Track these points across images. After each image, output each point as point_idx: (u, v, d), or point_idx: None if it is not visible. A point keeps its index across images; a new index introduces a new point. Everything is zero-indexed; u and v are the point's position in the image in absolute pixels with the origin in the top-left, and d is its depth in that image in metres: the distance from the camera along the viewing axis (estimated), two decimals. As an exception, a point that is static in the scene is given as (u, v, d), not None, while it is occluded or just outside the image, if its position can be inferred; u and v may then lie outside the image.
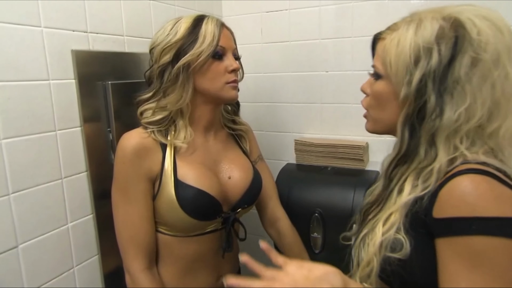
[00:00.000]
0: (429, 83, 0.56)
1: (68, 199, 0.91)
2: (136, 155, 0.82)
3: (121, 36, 1.04)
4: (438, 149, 0.58)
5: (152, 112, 0.85)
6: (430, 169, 0.58)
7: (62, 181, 0.90)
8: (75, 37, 0.91)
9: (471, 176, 0.53)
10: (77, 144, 0.93)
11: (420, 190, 0.58)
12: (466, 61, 0.55)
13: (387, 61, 0.61)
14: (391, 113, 0.64)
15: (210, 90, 0.87)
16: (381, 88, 0.65)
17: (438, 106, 0.56)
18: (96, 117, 0.97)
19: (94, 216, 0.98)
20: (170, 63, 0.83)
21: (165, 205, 0.84)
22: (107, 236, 1.01)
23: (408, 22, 0.60)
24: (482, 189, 0.52)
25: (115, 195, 0.85)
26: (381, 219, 0.63)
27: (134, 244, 0.84)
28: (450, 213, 0.53)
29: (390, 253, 0.59)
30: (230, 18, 1.51)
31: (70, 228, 0.92)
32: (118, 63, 1.03)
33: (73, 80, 0.91)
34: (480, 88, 0.55)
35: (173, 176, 0.83)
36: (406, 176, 0.61)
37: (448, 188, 0.54)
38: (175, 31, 0.84)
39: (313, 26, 1.37)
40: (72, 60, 0.90)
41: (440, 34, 0.56)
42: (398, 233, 0.59)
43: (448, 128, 0.57)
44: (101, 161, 0.99)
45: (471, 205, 0.52)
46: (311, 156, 1.37)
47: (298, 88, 1.45)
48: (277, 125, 1.52)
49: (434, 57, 0.56)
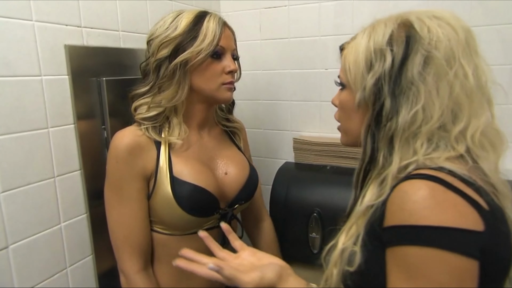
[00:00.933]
0: (385, 86, 0.55)
1: (61, 198, 0.89)
2: (130, 154, 0.80)
3: (116, 31, 1.02)
4: (394, 154, 0.55)
5: (147, 107, 0.84)
6: (385, 175, 0.55)
7: (55, 180, 0.87)
8: (68, 31, 0.88)
9: (413, 182, 0.50)
10: (70, 142, 0.91)
11: (376, 197, 0.56)
12: (418, 60, 0.53)
13: (346, 69, 0.62)
14: (357, 123, 0.62)
15: (206, 90, 0.85)
16: (345, 97, 0.64)
17: (394, 109, 0.54)
18: (90, 114, 0.95)
19: (88, 215, 0.96)
20: (168, 58, 0.81)
21: (162, 202, 0.82)
22: (101, 236, 0.99)
23: (364, 30, 0.61)
24: (421, 195, 0.48)
25: (108, 194, 0.84)
26: (344, 230, 0.61)
27: (129, 244, 0.83)
28: (391, 221, 0.51)
29: (347, 266, 0.57)
30: (228, 14, 1.48)
31: (63, 228, 0.90)
32: (113, 59, 1.01)
33: (66, 76, 0.88)
34: (436, 87, 0.53)
35: (169, 173, 0.82)
36: (370, 183, 0.59)
37: (392, 195, 0.51)
38: (175, 25, 0.82)
39: (312, 22, 1.35)
40: (65, 56, 0.87)
41: (391, 37, 0.56)
42: (355, 245, 0.57)
43: (405, 131, 0.54)
44: (95, 160, 0.97)
45: (407, 212, 0.49)
46: (310, 155, 1.35)
47: (297, 85, 1.42)
48: (275, 123, 1.50)
49: (388, 60, 0.55)
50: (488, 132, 0.56)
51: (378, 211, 0.54)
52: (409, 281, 0.48)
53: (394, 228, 0.50)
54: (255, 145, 1.52)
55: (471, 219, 0.48)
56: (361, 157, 0.62)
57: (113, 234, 0.84)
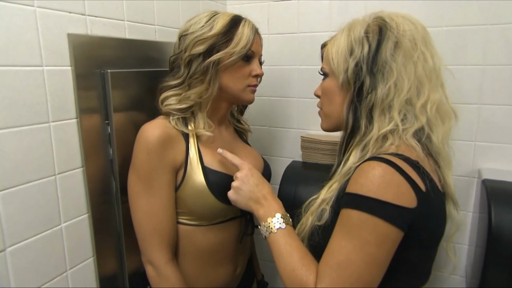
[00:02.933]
0: (364, 67, 0.68)
1: (61, 197, 0.83)
2: (162, 146, 0.83)
3: (121, 21, 0.96)
4: (374, 123, 0.68)
5: (178, 100, 0.87)
6: (367, 141, 0.68)
7: (56, 178, 0.82)
8: (71, 19, 0.82)
9: (371, 163, 0.62)
10: (72, 137, 0.85)
11: (358, 160, 0.68)
12: (390, 45, 0.67)
13: (330, 59, 0.74)
14: (338, 104, 0.74)
15: (233, 89, 0.90)
16: (328, 84, 0.77)
17: (372, 84, 0.68)
18: (93, 109, 0.89)
19: (89, 215, 0.90)
20: (201, 55, 0.85)
21: (193, 192, 0.86)
22: (103, 236, 0.95)
23: (343, 29, 0.74)
24: (373, 173, 0.61)
25: (136, 186, 0.85)
26: (326, 186, 0.73)
27: (158, 235, 0.85)
28: (348, 189, 0.64)
29: (316, 221, 0.70)
30: (235, 7, 1.43)
31: (63, 228, 0.84)
32: (118, 50, 0.95)
33: (69, 67, 0.82)
34: (405, 65, 0.67)
35: (200, 164, 0.87)
36: (352, 149, 0.71)
37: (355, 172, 0.65)
38: (211, 25, 0.86)
39: (323, 17, 1.31)
40: (68, 45, 0.82)
41: (367, 29, 0.70)
42: (327, 204, 0.69)
43: (382, 102, 0.67)
44: (98, 157, 0.91)
45: (359, 185, 0.62)
46: (318, 154, 1.31)
47: (305, 82, 1.38)
48: (281, 120, 1.45)
49: (365, 46, 0.68)
50: (441, 109, 0.70)
51: (348, 180, 0.66)
52: (345, 236, 0.61)
53: (347, 194, 0.64)
54: (261, 143, 1.47)
55: (407, 198, 0.60)
56: (343, 129, 0.75)
57: (141, 226, 0.86)
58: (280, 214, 0.75)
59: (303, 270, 0.65)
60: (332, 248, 0.63)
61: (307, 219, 0.74)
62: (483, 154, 1.18)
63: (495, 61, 1.12)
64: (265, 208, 0.77)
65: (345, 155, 0.74)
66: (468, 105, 1.17)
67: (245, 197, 0.79)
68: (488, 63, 1.13)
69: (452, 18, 1.14)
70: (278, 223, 0.73)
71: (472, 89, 1.16)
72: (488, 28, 1.11)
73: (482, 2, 1.10)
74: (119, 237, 0.99)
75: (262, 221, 0.76)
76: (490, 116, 1.15)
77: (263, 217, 0.76)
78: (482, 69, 1.14)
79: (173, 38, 1.15)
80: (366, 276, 0.60)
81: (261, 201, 0.78)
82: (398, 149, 0.66)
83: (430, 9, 1.16)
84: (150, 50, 1.07)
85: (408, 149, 0.67)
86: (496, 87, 1.13)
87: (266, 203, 0.78)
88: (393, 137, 0.67)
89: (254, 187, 0.79)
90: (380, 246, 0.60)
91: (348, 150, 0.73)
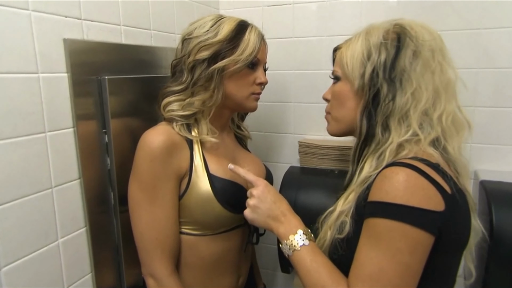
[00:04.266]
0: (380, 73, 0.67)
1: (58, 211, 0.79)
2: (166, 153, 0.80)
3: (117, 26, 0.92)
4: (391, 131, 0.67)
5: (181, 106, 0.85)
6: (384, 149, 0.66)
7: (52, 191, 0.77)
8: (67, 23, 0.78)
9: (393, 168, 0.61)
10: (69, 147, 0.81)
11: (374, 168, 0.66)
12: (409, 53, 0.67)
13: (344, 63, 0.73)
14: (350, 109, 0.73)
15: (236, 96, 0.88)
16: (340, 88, 0.75)
17: (390, 92, 0.66)
18: (90, 117, 0.85)
19: (87, 229, 0.86)
20: (206, 61, 0.82)
21: (198, 200, 0.84)
22: (102, 250, 0.90)
23: (359, 34, 0.73)
24: (397, 179, 0.59)
25: (138, 196, 0.81)
26: (342, 197, 0.71)
27: (161, 247, 0.82)
28: (372, 197, 0.62)
29: (337, 234, 0.68)
30: (228, 11, 1.41)
31: (60, 244, 0.80)
32: (114, 56, 0.91)
33: (65, 74, 0.79)
34: (423, 75, 0.66)
35: (205, 171, 0.84)
36: (367, 157, 0.69)
37: (376, 179, 0.63)
38: (216, 30, 0.83)
39: (319, 21, 1.30)
40: (64, 51, 0.78)
41: (385, 35, 0.69)
42: (346, 216, 0.67)
43: (400, 111, 0.66)
44: (95, 167, 0.87)
45: (384, 192, 0.60)
46: (316, 159, 1.30)
47: (301, 87, 1.37)
48: (278, 125, 1.44)
49: (383, 52, 0.68)
50: (455, 120, 0.69)
51: (367, 188, 0.64)
52: (373, 247, 0.59)
53: (371, 203, 0.62)
54: (257, 149, 1.45)
55: (434, 201, 0.59)
56: (357, 136, 0.73)
57: (143, 237, 0.82)
58: (301, 230, 0.71)
59: (333, 286, 0.63)
60: (361, 260, 0.61)
61: (325, 233, 0.71)
62: (479, 156, 1.20)
63: (488, 64, 1.14)
64: (285, 225, 0.73)
65: (359, 163, 0.72)
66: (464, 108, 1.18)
67: (263, 215, 0.75)
68: (482, 66, 1.15)
69: (446, 21, 1.16)
70: (301, 240, 0.70)
71: (467, 91, 1.17)
72: (481, 32, 1.13)
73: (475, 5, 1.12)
74: (117, 250, 0.94)
75: (284, 239, 0.72)
76: (485, 118, 1.17)
77: (284, 235, 0.72)
78: (476, 72, 1.16)
79: (168, 43, 1.12)
80: (401, 286, 0.58)
81: (280, 218, 0.74)
82: (416, 155, 0.65)
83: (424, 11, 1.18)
84: (146, 55, 1.04)
85: (427, 155, 0.65)
86: (490, 90, 1.15)
87: (285, 220, 0.74)
88: (410, 146, 0.66)
89: (272, 204, 0.76)
90: (413, 254, 0.58)
91: (363, 158, 0.71)
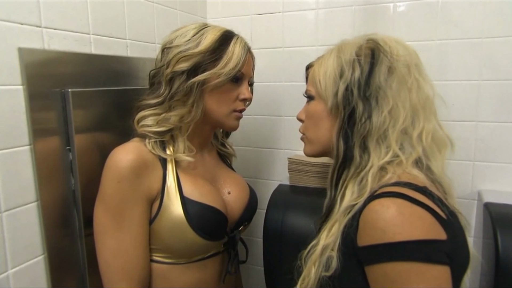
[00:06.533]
0: (355, 91, 0.62)
1: (9, 239, 0.71)
2: (135, 173, 0.72)
3: (86, 35, 0.86)
4: (370, 153, 0.62)
5: (156, 121, 0.77)
6: (365, 173, 0.61)
7: (1, 216, 0.69)
8: (23, 31, 0.72)
9: (381, 201, 0.54)
10: (24, 167, 0.73)
11: (356, 196, 0.60)
12: (384, 69, 0.63)
13: (316, 81, 0.68)
14: (325, 130, 0.69)
15: (216, 112, 0.81)
16: (314, 107, 0.71)
17: (366, 111, 0.62)
18: (51, 133, 0.78)
19: (45, 256, 0.78)
20: (185, 73, 0.76)
21: (170, 226, 0.76)
22: (64, 280, 0.82)
23: (331, 50, 0.69)
24: (390, 213, 0.53)
25: (103, 220, 0.74)
26: (325, 229, 0.64)
27: (128, 276, 0.74)
28: (366, 241, 0.54)
29: (324, 272, 0.60)
30: (216, 20, 1.35)
31: (10, 276, 0.72)
32: (81, 67, 0.84)
33: (20, 86, 0.71)
34: (399, 92, 0.62)
35: (179, 193, 0.76)
36: (347, 183, 0.63)
37: (364, 215, 0.55)
38: (199, 40, 0.77)
39: (309, 30, 1.24)
40: (19, 61, 0.71)
41: (358, 51, 0.65)
42: (332, 250, 0.60)
43: (377, 131, 0.61)
44: (56, 187, 0.79)
45: (380, 231, 0.52)
46: (307, 177, 1.21)
47: (292, 99, 1.30)
48: (267, 140, 1.36)
49: (356, 69, 0.63)
50: (436, 138, 0.65)
51: (354, 220, 0.57)
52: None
53: (370, 247, 0.54)
54: (245, 165, 1.37)
55: (436, 229, 0.53)
56: (334, 158, 0.66)
57: (107, 265, 0.74)
58: None
59: None
60: None
61: (309, 271, 0.63)
62: (482, 175, 1.11)
63: (491, 76, 1.06)
64: None
65: (337, 187, 0.66)
66: (465, 123, 1.10)
67: None
68: (484, 78, 1.07)
69: (446, 32, 1.09)
70: None
71: (468, 105, 1.09)
72: (482, 41, 1.05)
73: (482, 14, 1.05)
74: (83, 279, 0.86)
75: None
76: (488, 134, 1.08)
77: None
78: (478, 84, 1.08)
79: (147, 54, 1.06)
80: None
81: None
82: (400, 178, 0.59)
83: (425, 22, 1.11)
84: (121, 66, 0.97)
85: (411, 177, 0.59)
86: (493, 103, 1.07)
87: None
88: (393, 168, 0.60)
89: None
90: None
91: (342, 183, 0.64)
